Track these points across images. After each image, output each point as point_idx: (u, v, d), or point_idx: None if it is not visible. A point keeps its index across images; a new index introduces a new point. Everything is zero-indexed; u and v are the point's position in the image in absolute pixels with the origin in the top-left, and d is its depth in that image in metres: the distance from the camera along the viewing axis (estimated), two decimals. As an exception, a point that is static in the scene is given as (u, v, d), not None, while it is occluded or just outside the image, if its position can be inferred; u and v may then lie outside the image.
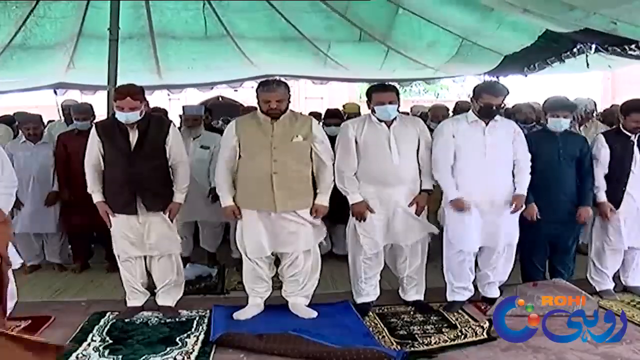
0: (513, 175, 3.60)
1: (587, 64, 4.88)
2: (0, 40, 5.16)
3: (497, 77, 6.53)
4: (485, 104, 3.52)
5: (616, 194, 3.82)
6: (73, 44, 5.58)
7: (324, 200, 3.51)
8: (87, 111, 4.58)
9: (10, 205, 3.38)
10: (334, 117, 4.84)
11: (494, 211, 3.56)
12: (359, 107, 6.20)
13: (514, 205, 3.56)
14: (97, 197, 3.51)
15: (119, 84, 4.57)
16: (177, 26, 5.54)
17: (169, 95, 9.11)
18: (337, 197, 3.60)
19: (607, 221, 3.85)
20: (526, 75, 6.17)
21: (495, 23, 4.51)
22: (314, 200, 3.49)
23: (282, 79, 5.14)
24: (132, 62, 5.62)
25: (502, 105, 3.63)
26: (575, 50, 4.73)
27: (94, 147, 3.49)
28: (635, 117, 3.75)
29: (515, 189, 3.58)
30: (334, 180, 3.54)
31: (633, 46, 4.21)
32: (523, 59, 5.48)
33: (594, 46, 4.45)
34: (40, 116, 4.76)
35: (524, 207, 3.63)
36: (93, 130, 3.56)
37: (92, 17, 5.13)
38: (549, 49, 4.92)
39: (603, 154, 3.83)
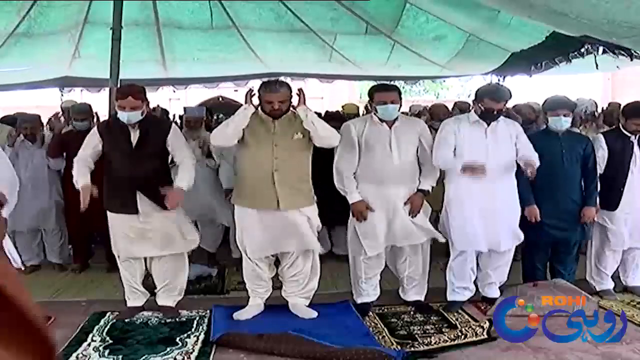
0: (517, 178, 3.60)
1: (597, 65, 4.78)
2: (3, 28, 5.12)
3: (504, 77, 6.51)
4: (487, 108, 3.51)
5: (615, 194, 3.81)
6: (78, 31, 5.53)
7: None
8: (85, 111, 4.57)
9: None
10: (333, 120, 4.82)
11: (496, 212, 3.55)
12: (358, 108, 6.20)
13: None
14: (82, 182, 3.32)
15: (122, 75, 4.57)
16: (183, 16, 5.53)
17: (174, 91, 9.01)
18: (337, 197, 3.60)
19: (607, 221, 3.85)
20: (531, 76, 6.10)
21: (504, 19, 4.46)
22: (314, 200, 3.49)
23: (288, 78, 5.14)
24: (137, 50, 5.58)
25: (504, 109, 3.63)
26: (583, 50, 4.66)
27: (91, 145, 3.46)
28: (637, 122, 3.74)
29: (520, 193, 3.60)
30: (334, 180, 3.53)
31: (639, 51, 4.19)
32: (530, 57, 5.38)
33: (601, 48, 4.42)
34: (39, 117, 4.76)
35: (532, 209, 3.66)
36: (95, 129, 3.56)
37: (98, 4, 5.10)
38: (558, 47, 4.81)
39: (601, 155, 3.82)
